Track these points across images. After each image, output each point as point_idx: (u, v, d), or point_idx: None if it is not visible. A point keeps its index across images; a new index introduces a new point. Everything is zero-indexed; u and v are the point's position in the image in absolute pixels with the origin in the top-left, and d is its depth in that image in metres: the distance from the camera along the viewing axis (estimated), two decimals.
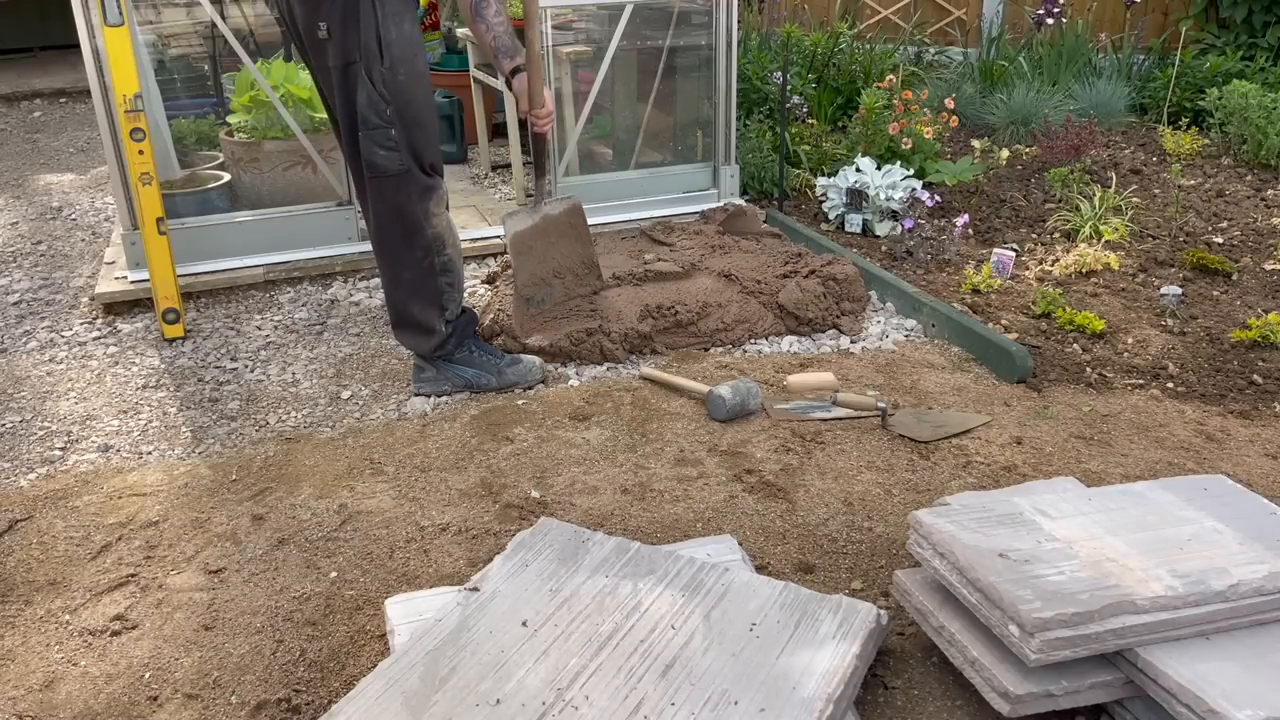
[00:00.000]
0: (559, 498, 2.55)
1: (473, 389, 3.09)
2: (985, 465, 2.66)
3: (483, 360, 3.11)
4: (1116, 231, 4.06)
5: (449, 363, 3.08)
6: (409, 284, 2.95)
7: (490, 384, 3.10)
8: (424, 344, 3.04)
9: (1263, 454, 2.71)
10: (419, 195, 2.85)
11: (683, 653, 1.79)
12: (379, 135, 2.77)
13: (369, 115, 2.75)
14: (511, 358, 3.15)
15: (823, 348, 3.39)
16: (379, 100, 2.73)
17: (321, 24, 2.70)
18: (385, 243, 2.93)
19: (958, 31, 6.86)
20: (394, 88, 2.73)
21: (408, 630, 1.94)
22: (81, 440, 2.89)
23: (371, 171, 2.82)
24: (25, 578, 2.30)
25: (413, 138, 2.80)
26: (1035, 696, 1.72)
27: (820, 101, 5.55)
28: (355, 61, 2.70)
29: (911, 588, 1.99)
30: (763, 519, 2.45)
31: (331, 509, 2.52)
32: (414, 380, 3.12)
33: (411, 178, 2.83)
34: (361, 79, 2.71)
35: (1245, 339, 3.27)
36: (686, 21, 4.39)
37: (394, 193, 2.83)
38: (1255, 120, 4.95)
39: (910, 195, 4.21)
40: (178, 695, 1.96)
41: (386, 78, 2.72)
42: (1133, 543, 1.89)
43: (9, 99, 7.25)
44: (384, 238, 2.93)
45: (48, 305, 3.81)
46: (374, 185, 2.84)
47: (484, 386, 3.10)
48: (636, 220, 4.26)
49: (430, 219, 2.89)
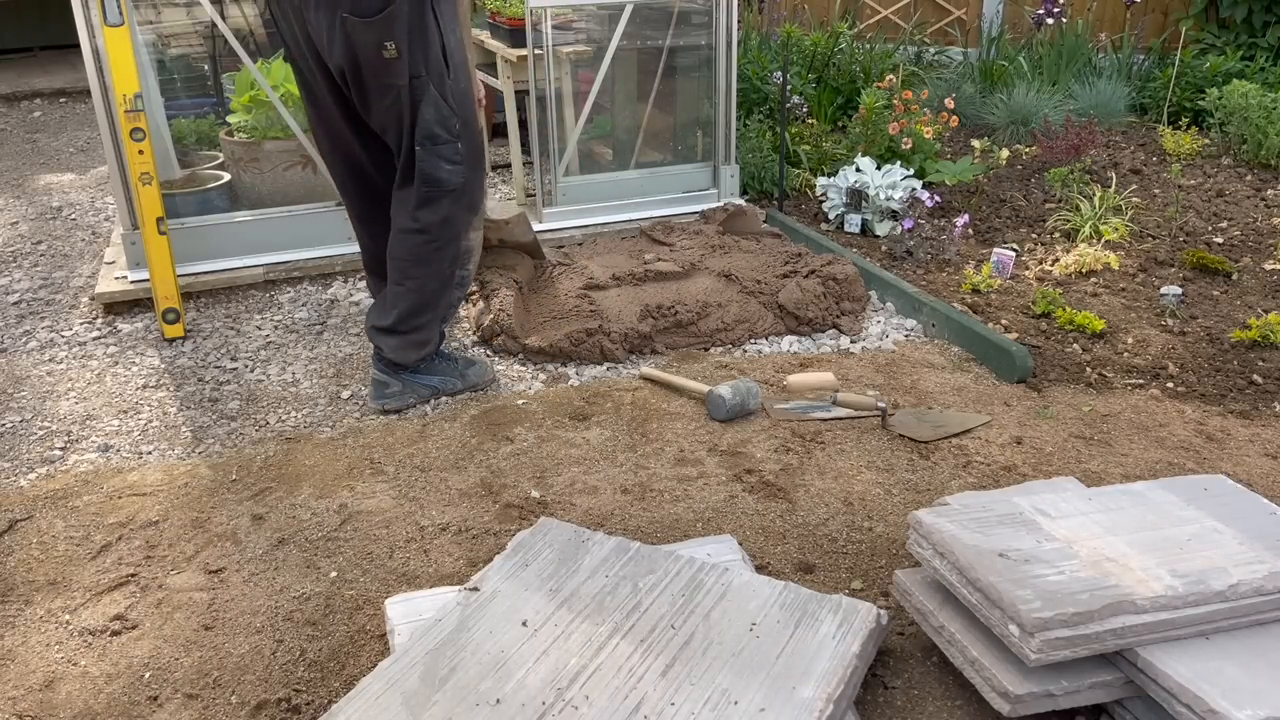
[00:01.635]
0: (559, 498, 2.55)
1: (440, 394, 3.02)
2: (985, 465, 2.66)
3: (444, 366, 3.04)
4: (1116, 231, 4.06)
5: (415, 374, 3.00)
6: (430, 295, 2.87)
7: (456, 388, 3.03)
8: (413, 354, 2.95)
9: (1263, 454, 2.71)
10: (469, 208, 2.81)
11: (683, 653, 1.79)
12: (447, 150, 2.70)
13: (437, 131, 2.68)
14: (465, 359, 3.09)
15: (823, 348, 3.39)
16: (449, 114, 2.67)
17: (389, 44, 2.58)
18: (422, 254, 2.83)
19: (958, 31, 6.86)
20: (460, 97, 2.69)
21: (408, 630, 1.94)
22: (81, 440, 2.89)
23: (434, 187, 2.74)
24: (25, 578, 2.30)
25: (474, 148, 2.76)
26: (1035, 696, 1.72)
27: (820, 101, 5.55)
28: (420, 76, 2.63)
29: (911, 587, 1.99)
30: (763, 519, 2.45)
31: (331, 509, 2.52)
32: (376, 397, 2.98)
33: (468, 189, 2.78)
34: (429, 94, 2.64)
35: (1245, 339, 3.27)
36: (686, 21, 4.39)
37: (451, 206, 2.77)
38: (1255, 120, 4.95)
39: (910, 195, 4.21)
40: (178, 695, 1.96)
41: (453, 89, 2.67)
42: (1133, 543, 1.89)
43: (9, 99, 7.24)
44: (424, 250, 2.82)
45: (48, 305, 3.81)
46: (430, 199, 2.76)
47: (450, 392, 3.03)
48: (636, 220, 4.26)
49: (470, 232, 2.86)
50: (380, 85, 2.67)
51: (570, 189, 4.26)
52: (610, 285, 3.52)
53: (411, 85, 2.65)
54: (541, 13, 4.00)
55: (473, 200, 2.82)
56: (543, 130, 4.16)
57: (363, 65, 2.64)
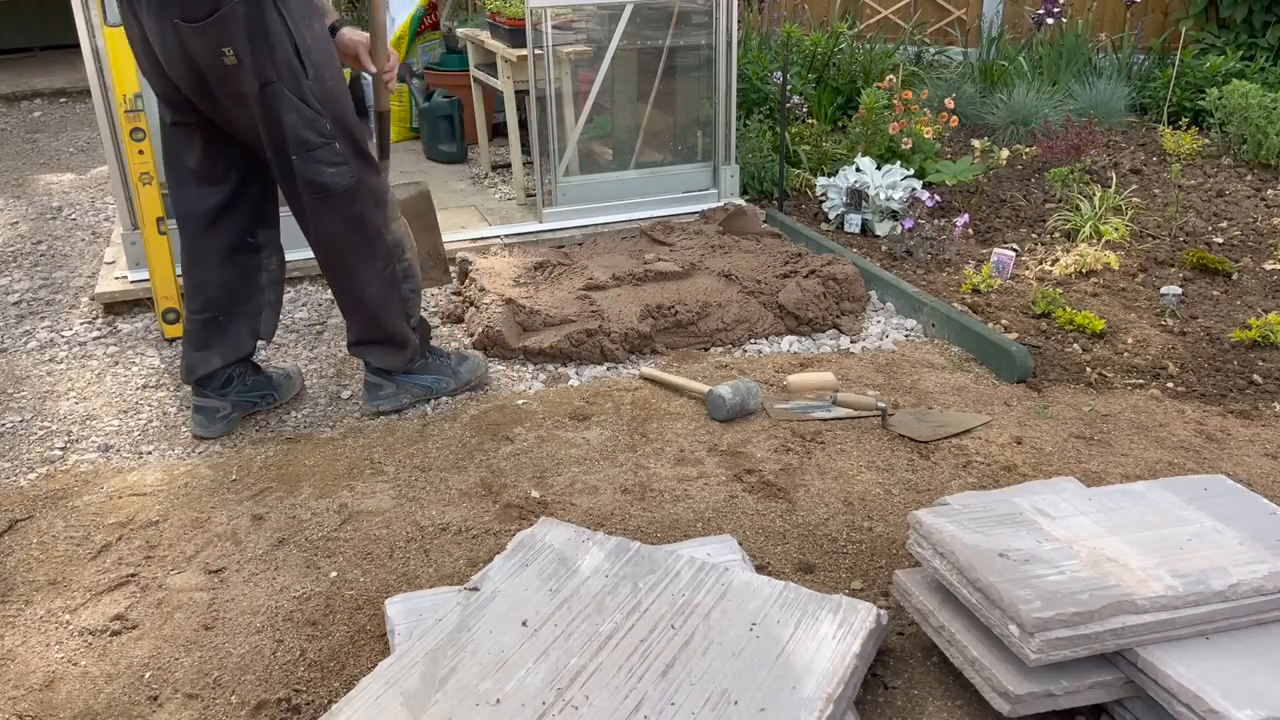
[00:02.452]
0: (559, 498, 2.55)
1: (434, 395, 2.96)
2: (985, 465, 2.66)
3: (436, 364, 2.97)
4: (1116, 231, 4.06)
5: (408, 374, 2.93)
6: (375, 299, 2.76)
7: (449, 386, 2.97)
8: (397, 359, 2.88)
9: (1263, 454, 2.71)
10: (375, 203, 2.66)
11: (683, 653, 1.79)
12: (323, 154, 2.54)
13: (307, 136, 2.51)
14: (459, 355, 3.02)
15: (823, 348, 3.39)
16: (314, 116, 2.49)
17: (226, 49, 2.39)
18: (343, 261, 2.71)
19: (958, 31, 6.86)
20: (325, 96, 2.51)
21: (407, 630, 1.94)
22: (81, 440, 2.89)
23: (320, 193, 2.58)
24: (25, 578, 2.30)
25: (355, 144, 2.59)
26: (1035, 696, 1.72)
27: (820, 101, 5.55)
28: (273, 81, 2.44)
29: (911, 588, 1.99)
30: (763, 519, 2.45)
31: (331, 509, 2.52)
32: (370, 399, 2.93)
33: (364, 187, 2.63)
34: (287, 99, 2.46)
35: (1245, 339, 3.27)
36: (686, 21, 4.39)
37: (349, 206, 2.62)
38: (1255, 120, 4.95)
39: (910, 195, 4.21)
40: (178, 695, 1.96)
41: (315, 89, 2.48)
42: (1133, 542, 1.89)
43: (9, 99, 7.24)
44: (341, 256, 2.71)
45: (48, 305, 3.81)
46: (324, 204, 2.60)
47: (444, 390, 2.97)
48: (636, 220, 4.26)
49: (389, 224, 2.71)
50: (230, 95, 2.49)
51: (570, 189, 4.26)
52: (610, 285, 3.52)
53: (264, 93, 2.45)
54: (541, 13, 4.00)
55: (376, 194, 2.67)
56: (543, 130, 4.17)
57: (206, 75, 2.46)
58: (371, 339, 2.84)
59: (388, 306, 2.79)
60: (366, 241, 2.69)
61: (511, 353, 3.27)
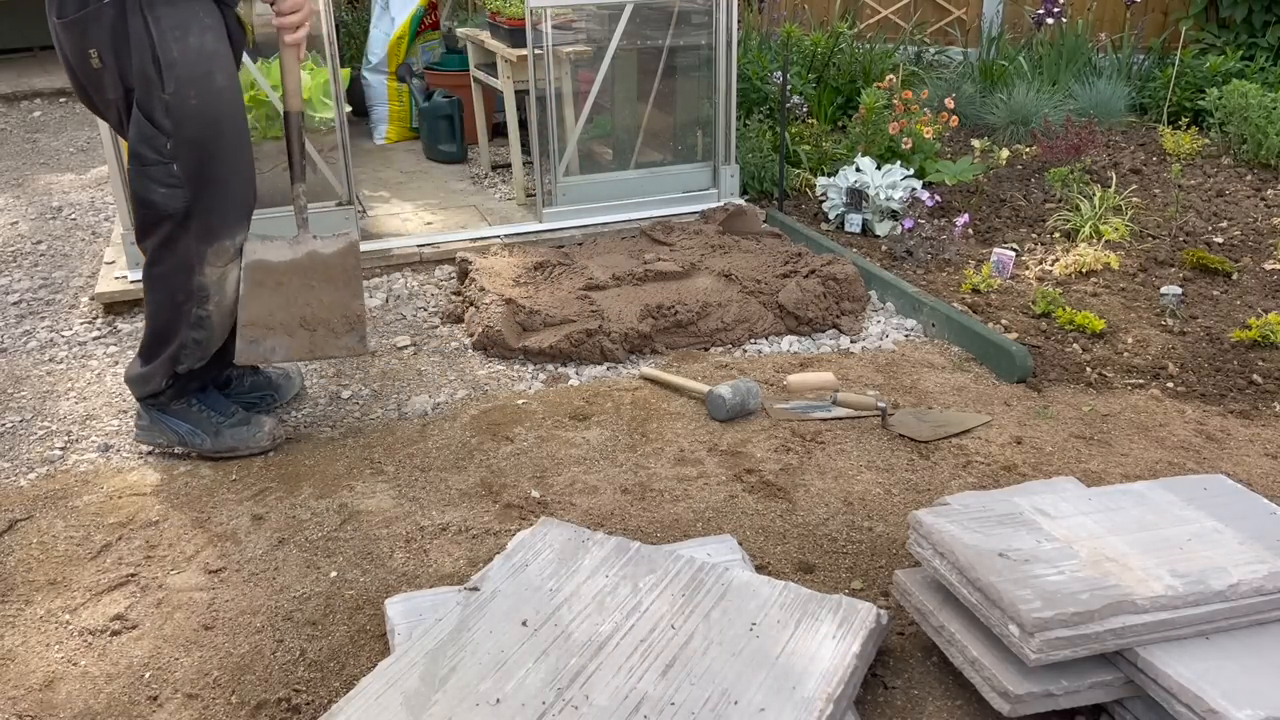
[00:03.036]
0: (559, 497, 2.55)
1: (187, 446, 2.74)
2: (985, 465, 2.66)
3: (199, 417, 2.74)
4: (1116, 231, 4.06)
5: (163, 414, 2.73)
6: (162, 326, 2.62)
7: (204, 445, 2.72)
8: (139, 388, 2.71)
9: (1263, 454, 2.71)
10: (199, 237, 2.51)
11: (683, 653, 1.79)
12: (156, 172, 2.43)
13: (141, 150, 2.41)
14: (241, 417, 2.77)
15: (823, 347, 3.39)
16: (153, 133, 2.39)
17: (92, 51, 2.34)
18: (151, 278, 2.59)
19: (958, 31, 6.86)
20: (182, 114, 2.38)
21: (407, 630, 1.94)
22: (81, 440, 2.89)
23: (148, 210, 2.48)
24: (25, 578, 2.30)
25: (207, 170, 2.46)
26: (1035, 696, 1.72)
27: (820, 101, 5.55)
28: (131, 89, 2.38)
29: (911, 587, 1.99)
30: (763, 519, 2.45)
31: (331, 509, 2.52)
32: (135, 424, 2.80)
33: (194, 216, 2.49)
34: (134, 110, 2.39)
35: (1245, 339, 3.27)
36: (686, 21, 4.39)
37: (172, 231, 2.50)
38: (1255, 120, 4.95)
39: (910, 195, 4.21)
40: (178, 695, 1.96)
41: (171, 104, 2.37)
42: (1133, 542, 1.89)
43: (9, 99, 7.24)
44: (148, 275, 2.60)
45: (48, 305, 3.81)
46: (148, 223, 2.51)
47: (199, 447, 2.72)
48: (636, 220, 4.26)
49: (205, 267, 2.54)
50: (101, 100, 2.46)
51: (570, 189, 4.26)
52: (610, 285, 3.52)
53: (126, 99, 2.40)
54: (541, 13, 4.00)
55: (206, 229, 2.51)
56: (543, 130, 4.17)
57: (80, 78, 2.43)
58: (144, 356, 2.71)
59: (168, 339, 2.63)
60: (173, 271, 2.55)
61: (511, 353, 3.27)
